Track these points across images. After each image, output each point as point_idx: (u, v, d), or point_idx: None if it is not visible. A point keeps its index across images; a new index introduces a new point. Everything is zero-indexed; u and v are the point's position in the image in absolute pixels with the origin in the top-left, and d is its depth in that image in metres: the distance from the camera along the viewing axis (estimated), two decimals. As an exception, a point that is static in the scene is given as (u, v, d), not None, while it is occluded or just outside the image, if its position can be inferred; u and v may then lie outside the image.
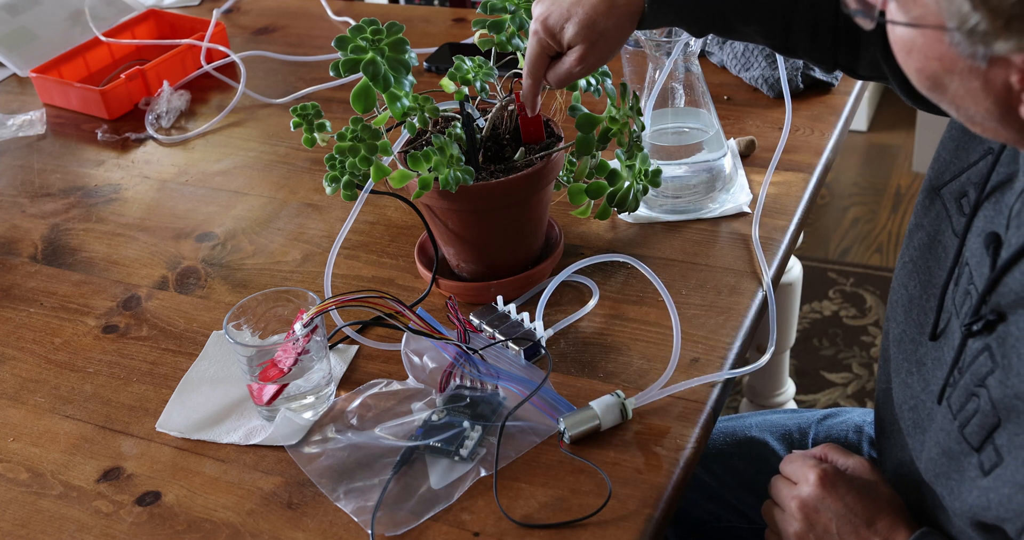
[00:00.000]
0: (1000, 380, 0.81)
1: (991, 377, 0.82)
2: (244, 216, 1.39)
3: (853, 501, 0.96)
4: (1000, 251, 0.85)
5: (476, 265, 1.18)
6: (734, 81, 1.53)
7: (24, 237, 1.40)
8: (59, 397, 1.13)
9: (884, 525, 0.95)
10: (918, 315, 0.96)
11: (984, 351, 0.83)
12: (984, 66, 0.68)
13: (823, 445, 1.03)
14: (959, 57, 0.69)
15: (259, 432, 1.05)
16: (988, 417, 0.82)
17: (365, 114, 1.07)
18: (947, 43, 0.69)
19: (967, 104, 0.73)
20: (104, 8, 1.85)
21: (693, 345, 1.09)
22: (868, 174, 2.95)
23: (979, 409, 0.83)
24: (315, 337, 1.03)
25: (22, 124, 1.65)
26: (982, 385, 0.83)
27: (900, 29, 0.72)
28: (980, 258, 0.87)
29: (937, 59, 0.71)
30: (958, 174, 0.95)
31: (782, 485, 1.01)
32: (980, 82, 0.70)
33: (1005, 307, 0.82)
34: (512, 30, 1.14)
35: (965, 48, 0.68)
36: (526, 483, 0.96)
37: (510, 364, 1.06)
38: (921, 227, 0.98)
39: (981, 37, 0.66)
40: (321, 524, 0.95)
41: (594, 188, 1.13)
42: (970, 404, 0.84)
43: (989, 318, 0.83)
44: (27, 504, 1.01)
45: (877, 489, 0.97)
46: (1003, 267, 0.82)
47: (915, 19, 0.70)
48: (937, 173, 0.98)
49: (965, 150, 0.95)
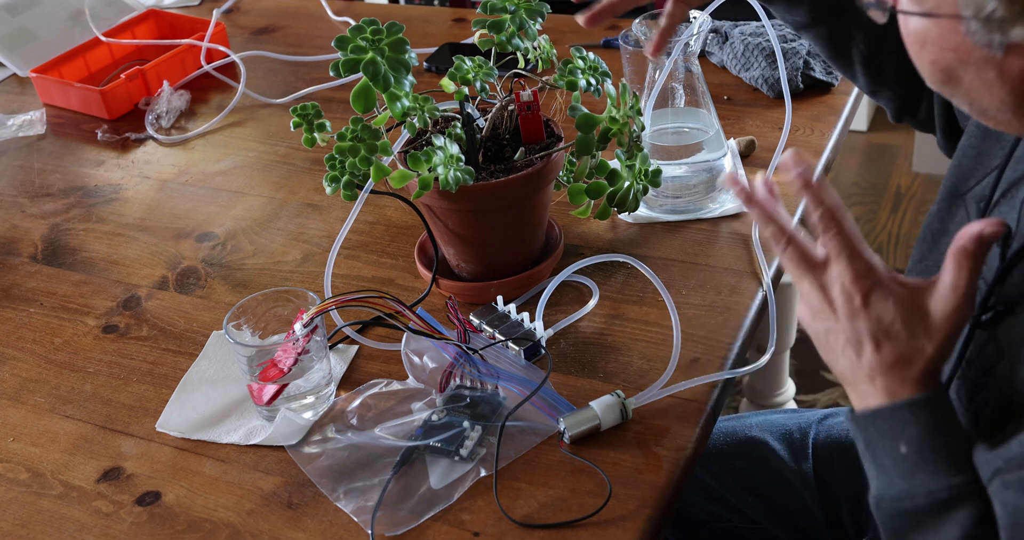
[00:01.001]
0: (1008, 370, 0.81)
1: (999, 367, 0.82)
2: (244, 216, 1.39)
3: (903, 309, 0.81)
4: (1010, 243, 0.85)
5: (476, 265, 1.18)
6: (734, 81, 1.53)
7: (24, 237, 1.40)
8: (59, 397, 1.13)
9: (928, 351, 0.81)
10: None
11: (991, 341, 0.83)
12: (1000, 55, 0.68)
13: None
14: (974, 47, 0.69)
15: (259, 432, 1.05)
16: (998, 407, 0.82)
17: (365, 114, 1.07)
18: (962, 32, 0.69)
19: (981, 96, 0.73)
20: (104, 8, 1.85)
21: (693, 345, 1.09)
22: (868, 174, 2.95)
23: (989, 400, 0.83)
24: (315, 337, 1.03)
25: (22, 124, 1.65)
26: (991, 375, 0.83)
27: (914, 22, 0.72)
28: (991, 253, 0.87)
29: (952, 50, 0.71)
30: (981, 179, 0.95)
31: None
32: (995, 72, 0.70)
33: (1014, 298, 0.82)
34: (512, 30, 1.14)
35: (981, 37, 0.68)
36: (526, 483, 0.96)
37: (510, 364, 1.06)
38: (946, 232, 0.98)
39: (998, 24, 0.66)
40: (321, 524, 0.95)
41: (594, 188, 1.13)
42: (979, 395, 0.84)
43: (998, 309, 0.83)
44: (27, 504, 1.01)
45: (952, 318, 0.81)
46: (1012, 258, 0.83)
47: (930, 9, 0.70)
48: (960, 179, 0.98)
49: (987, 155, 0.95)
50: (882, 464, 0.82)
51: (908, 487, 0.79)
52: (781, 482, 1.23)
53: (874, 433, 0.82)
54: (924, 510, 0.79)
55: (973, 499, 0.77)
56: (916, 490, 0.79)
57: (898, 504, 0.80)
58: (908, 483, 0.79)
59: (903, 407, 0.80)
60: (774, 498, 1.23)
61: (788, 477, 1.23)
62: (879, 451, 0.82)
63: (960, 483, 0.78)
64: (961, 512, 0.77)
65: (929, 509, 0.78)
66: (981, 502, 0.77)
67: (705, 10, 1.20)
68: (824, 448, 1.23)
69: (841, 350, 0.82)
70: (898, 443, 0.80)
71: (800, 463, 1.23)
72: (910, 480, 0.79)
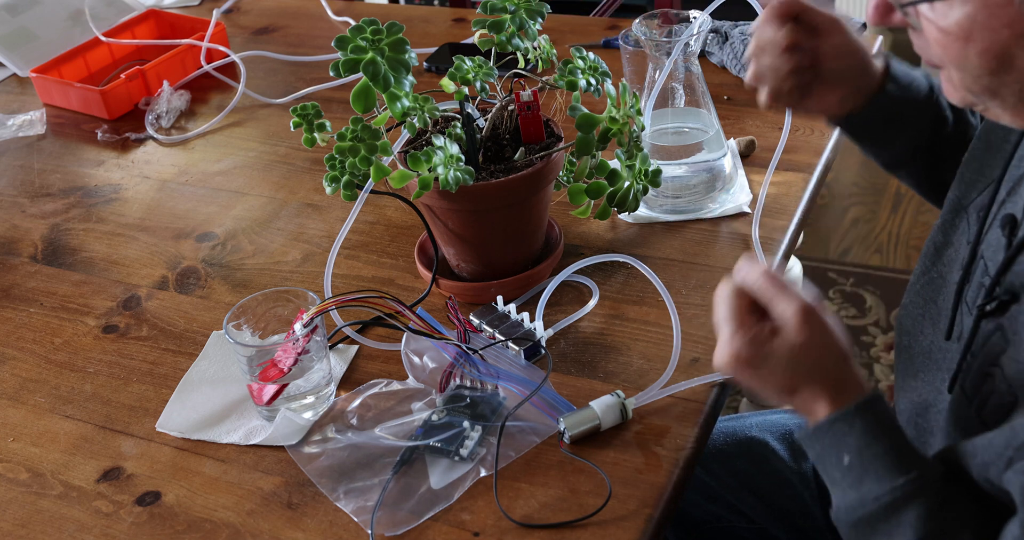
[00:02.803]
0: (1013, 358, 0.81)
1: (1004, 356, 0.82)
2: (244, 216, 1.39)
3: (767, 377, 0.85)
4: (1017, 231, 0.85)
5: (476, 265, 1.18)
6: (734, 81, 1.53)
7: (24, 237, 1.40)
8: (59, 397, 1.13)
9: (804, 396, 0.85)
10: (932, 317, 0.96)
11: (996, 331, 0.84)
12: None
13: (757, 284, 0.88)
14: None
15: (259, 432, 1.05)
16: (1004, 397, 0.82)
17: (365, 114, 1.07)
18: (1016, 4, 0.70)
19: None
20: (104, 8, 1.85)
21: (693, 345, 1.09)
22: (868, 174, 2.95)
23: (995, 389, 0.83)
24: (315, 337, 1.03)
25: (22, 124, 1.65)
26: (996, 364, 0.83)
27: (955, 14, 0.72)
28: (996, 246, 0.87)
29: (1007, 25, 0.71)
30: (983, 190, 0.96)
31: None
32: None
33: (1019, 287, 0.82)
34: (512, 30, 1.14)
35: None
36: (526, 483, 0.96)
37: (510, 364, 1.06)
38: (949, 244, 0.98)
39: None
40: (321, 524, 0.95)
41: (594, 188, 1.13)
42: (985, 385, 0.84)
43: (1003, 298, 0.83)
44: (27, 504, 1.01)
45: (799, 358, 0.84)
46: (1019, 245, 0.83)
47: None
48: (963, 192, 0.99)
49: (989, 167, 0.96)
50: (833, 477, 0.85)
51: (858, 495, 0.82)
52: (781, 482, 1.23)
53: (819, 449, 0.85)
54: (877, 516, 0.81)
55: (920, 496, 0.80)
56: (865, 497, 0.82)
57: (852, 514, 0.83)
58: (857, 492, 0.83)
59: (837, 419, 0.84)
60: (774, 498, 1.23)
61: (788, 477, 1.23)
62: (828, 465, 0.85)
63: (903, 483, 0.80)
64: (911, 512, 0.79)
65: (880, 514, 0.81)
66: (930, 496, 0.80)
67: (705, 10, 1.20)
68: None
69: (777, 397, 0.88)
70: (841, 454, 0.83)
71: (800, 463, 1.23)
72: (859, 489, 0.82)
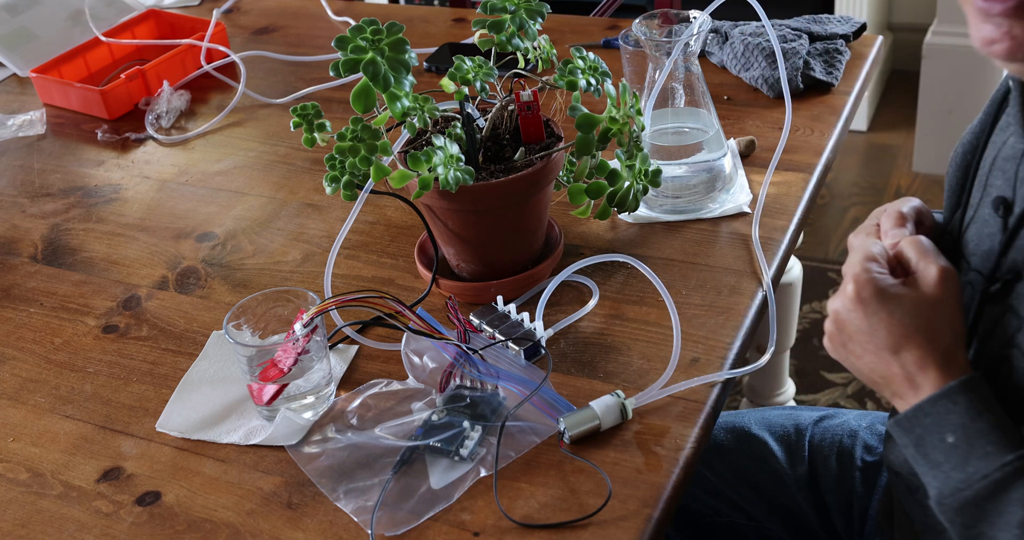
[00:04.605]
0: None
1: (1020, 334, 0.82)
2: (244, 216, 1.39)
3: (880, 322, 0.85)
4: (1011, 212, 0.85)
5: (476, 265, 1.18)
6: (734, 81, 1.53)
7: (24, 237, 1.40)
8: (59, 397, 1.13)
9: (911, 358, 0.84)
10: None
11: (1008, 312, 0.83)
12: None
13: (906, 240, 0.88)
14: None
15: (259, 432, 1.05)
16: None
17: (365, 114, 1.07)
18: None
19: None
20: (104, 8, 1.85)
21: (693, 345, 1.09)
22: (868, 174, 2.95)
23: (1012, 370, 0.83)
24: (315, 337, 1.03)
25: (22, 124, 1.65)
26: (1012, 345, 0.83)
27: None
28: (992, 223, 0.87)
29: None
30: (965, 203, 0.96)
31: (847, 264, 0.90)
32: None
33: (1021, 264, 0.82)
34: (512, 30, 1.14)
35: None
36: (526, 483, 0.96)
37: (510, 364, 1.06)
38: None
39: None
40: (321, 524, 0.95)
41: (594, 188, 1.13)
42: (1002, 368, 0.84)
43: (1007, 278, 0.83)
44: (27, 504, 1.01)
45: (923, 313, 0.84)
46: (1015, 226, 0.83)
47: None
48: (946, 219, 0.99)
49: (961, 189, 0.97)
50: (936, 461, 0.82)
51: (964, 476, 0.80)
52: (778, 482, 1.23)
53: (919, 432, 0.83)
54: (984, 495, 0.79)
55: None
56: (973, 477, 0.80)
57: (959, 496, 0.81)
58: (963, 472, 0.81)
59: (941, 397, 0.82)
60: (772, 496, 1.24)
61: (784, 478, 1.23)
62: (930, 448, 0.83)
63: (1013, 459, 0.79)
64: (1020, 489, 0.78)
65: (988, 493, 0.79)
66: None
67: (705, 10, 1.20)
68: (819, 451, 1.23)
69: (870, 368, 0.87)
70: (944, 434, 0.81)
71: (796, 466, 1.23)
72: (964, 469, 0.80)
